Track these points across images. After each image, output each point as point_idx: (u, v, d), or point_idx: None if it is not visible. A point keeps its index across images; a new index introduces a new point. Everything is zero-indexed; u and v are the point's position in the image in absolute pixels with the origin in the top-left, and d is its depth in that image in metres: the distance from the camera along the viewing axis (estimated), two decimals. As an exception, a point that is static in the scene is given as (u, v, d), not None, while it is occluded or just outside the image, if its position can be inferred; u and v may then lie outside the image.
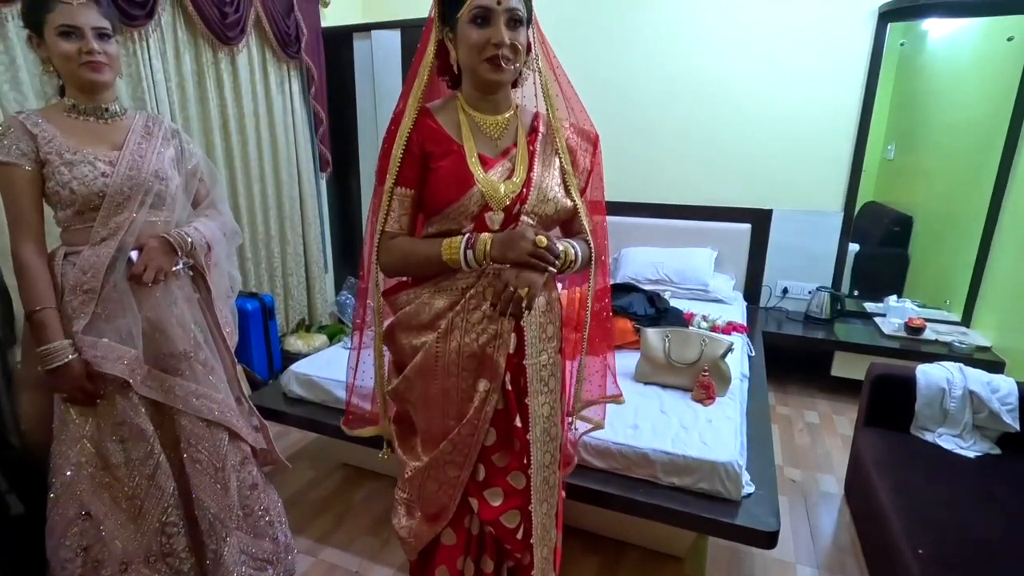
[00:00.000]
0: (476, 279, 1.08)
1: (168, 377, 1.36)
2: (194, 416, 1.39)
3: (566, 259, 1.06)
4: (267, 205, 3.09)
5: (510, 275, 1.00)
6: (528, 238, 0.99)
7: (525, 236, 1.00)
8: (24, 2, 1.23)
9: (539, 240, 0.99)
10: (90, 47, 1.20)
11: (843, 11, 2.79)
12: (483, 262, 1.03)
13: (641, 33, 3.15)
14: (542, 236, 1.00)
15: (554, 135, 1.13)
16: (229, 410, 1.45)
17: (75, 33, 1.20)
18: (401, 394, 1.18)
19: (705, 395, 1.83)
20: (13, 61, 1.93)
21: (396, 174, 1.06)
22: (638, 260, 3.18)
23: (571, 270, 1.10)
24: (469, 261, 1.03)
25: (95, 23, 1.22)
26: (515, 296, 0.98)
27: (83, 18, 1.20)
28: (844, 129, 2.93)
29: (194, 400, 1.38)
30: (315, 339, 3.18)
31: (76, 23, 1.19)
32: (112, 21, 1.27)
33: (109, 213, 1.27)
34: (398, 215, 1.09)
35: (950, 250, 2.98)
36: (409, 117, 1.06)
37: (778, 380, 3.00)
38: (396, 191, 1.08)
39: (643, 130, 3.26)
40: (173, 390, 1.36)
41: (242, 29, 2.74)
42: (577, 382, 1.28)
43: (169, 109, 2.50)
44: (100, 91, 1.29)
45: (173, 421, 1.38)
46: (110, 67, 1.26)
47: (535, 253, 0.99)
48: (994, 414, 1.71)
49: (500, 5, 0.97)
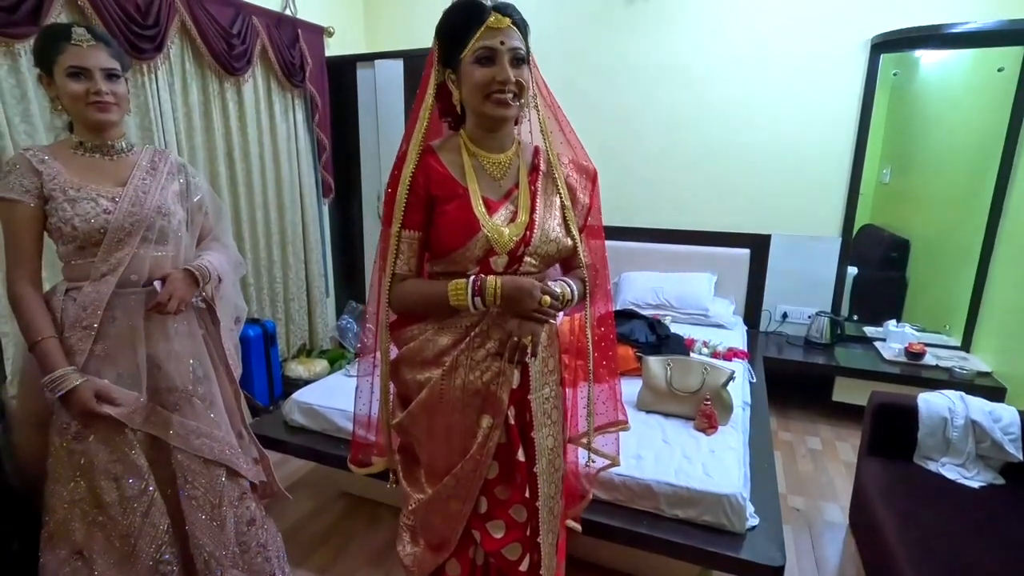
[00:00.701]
0: (480, 318, 1.10)
1: (168, 415, 1.35)
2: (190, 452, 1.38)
3: (563, 300, 1.10)
4: (270, 231, 3.12)
5: (513, 325, 1.06)
6: (535, 297, 1.04)
7: (532, 295, 1.04)
8: (35, 42, 1.26)
9: (544, 300, 1.04)
10: (98, 88, 1.23)
11: (837, 43, 2.85)
12: (490, 307, 1.06)
13: (641, 64, 3.21)
14: (546, 296, 1.05)
15: (554, 172, 1.16)
16: (228, 447, 1.44)
17: (84, 74, 1.22)
18: (406, 428, 1.19)
19: (707, 424, 1.83)
20: (24, 95, 1.97)
21: (402, 218, 1.08)
22: (638, 285, 3.20)
23: (567, 308, 1.14)
24: (477, 306, 1.06)
25: (104, 64, 1.24)
26: (519, 344, 1.05)
27: (92, 60, 1.22)
28: (840, 156, 2.98)
29: (194, 439, 1.37)
30: (316, 364, 3.18)
31: (85, 64, 1.22)
32: (122, 61, 1.29)
33: (110, 248, 1.28)
34: (406, 257, 1.11)
35: (948, 274, 3.00)
36: (412, 160, 1.08)
37: (780, 405, 2.99)
38: (403, 234, 1.10)
39: (643, 157, 3.31)
40: (173, 428, 1.35)
41: (248, 60, 2.80)
42: (588, 415, 1.29)
43: (176, 139, 2.54)
44: (107, 130, 1.31)
45: (169, 456, 1.37)
46: (118, 106, 1.28)
47: (541, 311, 1.05)
48: (997, 444, 1.71)
49: (503, 45, 1.01)
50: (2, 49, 1.91)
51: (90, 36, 1.23)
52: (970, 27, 2.53)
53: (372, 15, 3.76)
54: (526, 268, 1.11)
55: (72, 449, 1.27)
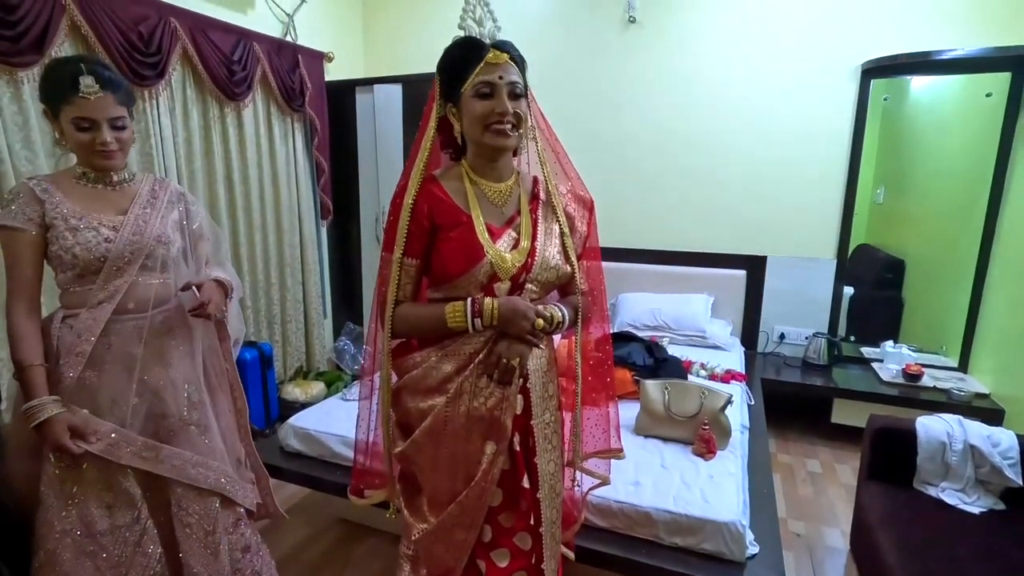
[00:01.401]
0: (483, 344, 1.11)
1: (160, 446, 1.34)
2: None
3: (555, 323, 1.13)
4: (268, 253, 3.13)
5: (502, 347, 1.10)
6: (529, 318, 1.08)
7: (527, 316, 1.07)
8: (42, 81, 1.26)
9: (538, 324, 1.08)
10: (104, 139, 1.24)
11: (829, 68, 2.91)
12: (490, 326, 1.09)
13: (637, 87, 3.26)
14: (541, 320, 1.08)
15: (553, 201, 1.19)
16: (224, 476, 1.43)
17: (91, 125, 1.23)
18: (409, 456, 1.18)
19: (706, 449, 1.82)
20: (27, 122, 1.99)
21: (404, 245, 1.11)
22: (636, 306, 3.21)
23: (558, 331, 1.17)
24: (476, 327, 1.09)
25: (111, 114, 1.25)
26: (508, 366, 1.09)
27: (100, 112, 1.22)
28: (834, 178, 3.01)
29: (190, 469, 1.36)
30: (313, 387, 3.16)
31: (93, 116, 1.22)
32: (129, 103, 1.31)
33: (109, 276, 1.29)
34: (403, 284, 1.14)
35: (943, 295, 3.02)
36: (413, 188, 1.11)
37: (778, 427, 2.98)
38: (404, 262, 1.12)
39: (639, 178, 3.34)
40: (168, 460, 1.34)
41: (249, 86, 2.84)
42: (574, 436, 1.30)
43: (176, 163, 2.56)
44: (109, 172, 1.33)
45: (163, 483, 1.36)
46: (122, 152, 1.30)
47: (532, 333, 1.09)
48: (996, 469, 1.70)
49: (502, 80, 1.06)
50: (5, 77, 1.93)
51: (97, 88, 1.21)
52: (957, 54, 2.58)
53: (371, 41, 3.82)
54: (527, 295, 1.13)
55: (64, 477, 1.27)
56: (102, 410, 1.29)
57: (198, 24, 2.57)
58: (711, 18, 3.07)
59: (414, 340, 1.20)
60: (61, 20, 2.04)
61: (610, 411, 1.34)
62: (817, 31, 2.89)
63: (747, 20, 3.00)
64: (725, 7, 3.03)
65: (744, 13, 3.00)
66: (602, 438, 1.34)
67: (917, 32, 2.71)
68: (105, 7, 2.17)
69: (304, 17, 3.24)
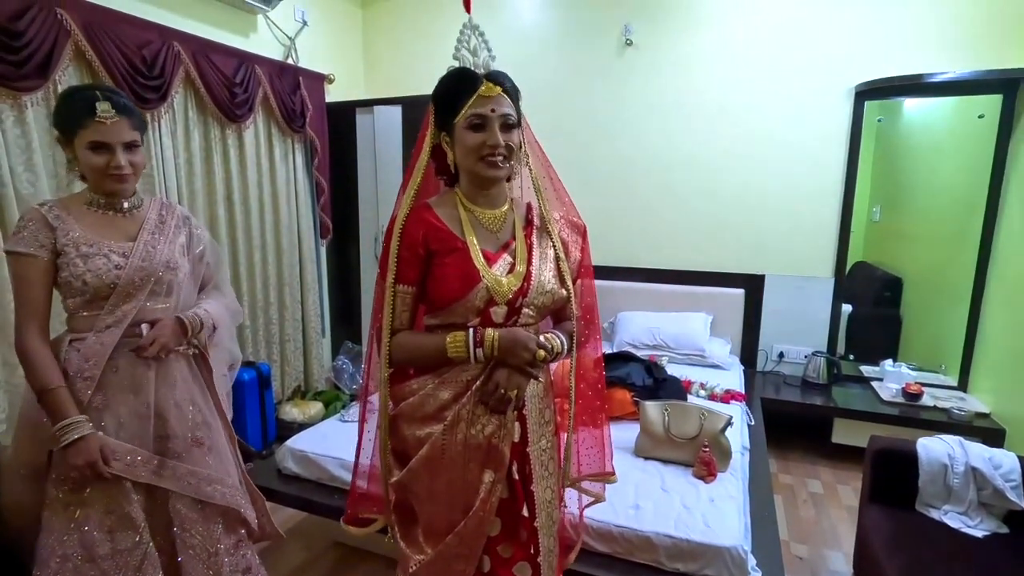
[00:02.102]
0: (481, 371, 1.11)
1: (175, 464, 1.35)
2: (190, 501, 1.37)
3: (553, 352, 1.13)
4: (267, 273, 3.13)
5: (501, 376, 1.09)
6: (530, 349, 1.08)
7: (527, 347, 1.07)
8: (57, 107, 1.28)
9: (539, 354, 1.08)
10: (119, 163, 1.26)
11: (823, 90, 2.95)
12: (491, 357, 1.09)
13: (634, 109, 3.30)
14: (542, 351, 1.08)
15: (548, 226, 1.20)
16: (237, 491, 1.45)
17: (106, 149, 1.25)
18: (405, 485, 1.17)
19: (706, 471, 1.81)
20: (29, 144, 2.01)
21: (396, 272, 1.10)
22: (635, 325, 3.21)
23: (556, 360, 1.17)
24: (479, 357, 1.08)
25: (125, 138, 1.27)
26: (505, 396, 1.08)
27: (115, 135, 1.25)
28: (830, 198, 3.03)
29: (205, 486, 1.38)
30: (311, 407, 3.14)
31: (108, 140, 1.24)
32: (141, 128, 1.33)
33: (118, 302, 1.30)
34: (399, 312, 1.13)
35: (941, 313, 3.02)
36: (402, 214, 1.11)
37: (779, 447, 2.96)
38: (398, 288, 1.11)
39: (637, 198, 3.37)
40: (185, 477, 1.35)
41: (250, 107, 2.87)
42: (565, 460, 1.29)
43: (176, 184, 2.57)
44: (121, 196, 1.34)
45: (165, 506, 1.36)
46: (134, 175, 1.32)
47: (532, 364, 1.09)
48: (998, 491, 1.69)
49: (494, 112, 1.07)
50: (9, 102, 1.95)
51: (114, 112, 1.24)
52: (948, 76, 2.62)
53: (371, 63, 3.87)
54: (524, 319, 1.13)
55: (68, 502, 1.27)
56: (109, 433, 1.29)
57: (201, 48, 2.60)
58: (707, 42, 3.12)
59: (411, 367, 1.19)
60: (66, 45, 2.06)
61: (604, 432, 1.33)
62: (811, 54, 2.94)
63: (742, 43, 3.05)
64: (720, 31, 3.08)
65: (739, 36, 3.05)
66: (597, 459, 1.32)
67: (909, 55, 2.75)
68: (109, 32, 2.20)
69: (305, 40, 3.29)
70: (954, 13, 2.67)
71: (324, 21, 3.47)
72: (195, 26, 2.63)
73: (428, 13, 3.63)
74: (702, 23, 3.11)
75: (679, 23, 3.15)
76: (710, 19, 3.09)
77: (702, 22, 3.11)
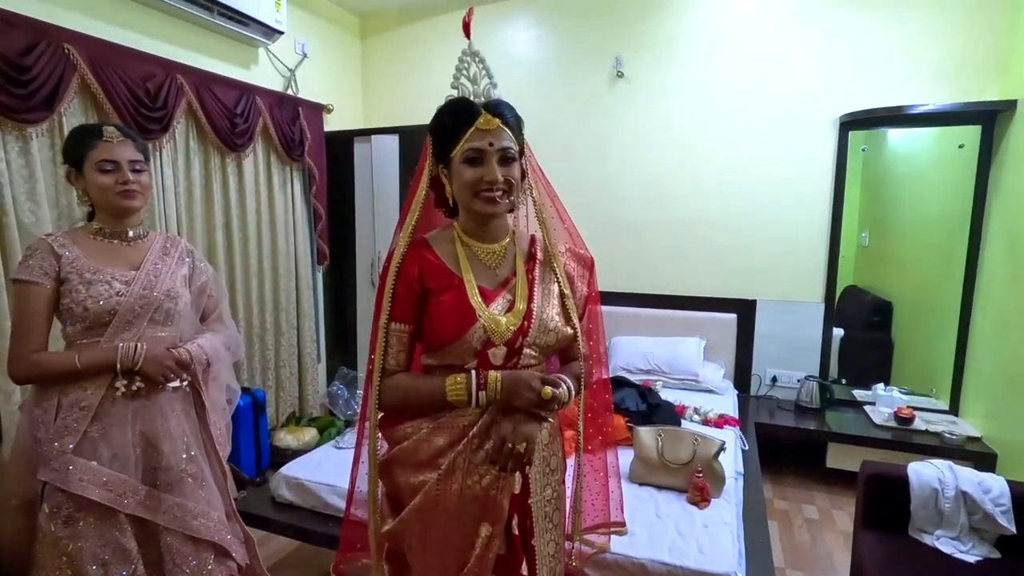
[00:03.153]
0: (478, 416, 1.04)
1: (162, 496, 1.35)
2: (181, 534, 1.36)
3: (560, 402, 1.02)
4: (264, 299, 3.15)
5: (506, 429, 1.00)
6: (535, 388, 0.99)
7: (531, 386, 0.99)
8: (67, 142, 1.36)
9: (545, 392, 0.98)
10: (126, 178, 1.33)
11: (808, 120, 3.04)
12: (493, 402, 1.03)
13: (627, 138, 3.38)
14: (548, 388, 0.99)
15: (552, 260, 1.14)
16: (223, 526, 1.43)
17: (114, 167, 1.32)
18: (397, 536, 1.11)
19: (700, 497, 1.81)
20: (32, 174, 2.04)
21: (390, 310, 1.05)
22: (629, 349, 3.23)
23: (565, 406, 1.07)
24: (480, 401, 1.02)
25: (131, 157, 1.35)
26: (514, 451, 0.98)
27: (121, 153, 1.33)
28: (818, 224, 3.10)
29: (191, 520, 1.37)
30: (305, 433, 3.13)
31: (115, 157, 1.32)
32: (145, 153, 1.40)
33: (118, 330, 1.32)
34: (395, 351, 1.07)
35: (930, 337, 3.06)
36: (400, 250, 1.07)
37: (774, 472, 2.96)
38: (393, 327, 1.06)
39: (630, 224, 3.43)
40: (169, 510, 1.35)
41: (250, 137, 2.92)
42: (574, 513, 1.22)
43: (176, 211, 2.61)
44: (130, 215, 1.39)
45: (158, 539, 1.36)
46: (142, 195, 1.37)
47: (540, 404, 0.99)
48: (989, 516, 1.70)
49: (492, 146, 1.01)
50: (15, 133, 2.00)
51: (120, 133, 1.35)
52: (928, 108, 2.71)
53: (370, 93, 3.96)
54: (526, 360, 1.06)
55: (60, 535, 1.27)
56: (103, 463, 1.30)
57: (203, 80, 2.67)
58: (695, 74, 3.22)
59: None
60: (72, 78, 2.12)
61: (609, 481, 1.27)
62: (796, 86, 3.04)
63: (730, 75, 3.15)
64: (708, 64, 3.18)
65: (727, 69, 3.15)
66: (602, 509, 1.27)
67: (891, 87, 2.85)
68: (115, 65, 2.26)
69: (305, 71, 3.38)
70: (933, 47, 2.78)
71: (324, 52, 3.57)
72: (198, 59, 2.71)
73: (426, 43, 3.74)
74: (690, 56, 3.22)
75: (668, 56, 3.26)
76: (698, 52, 3.20)
77: (690, 55, 3.22)
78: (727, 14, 3.13)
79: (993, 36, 2.67)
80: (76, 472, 1.25)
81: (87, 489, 1.25)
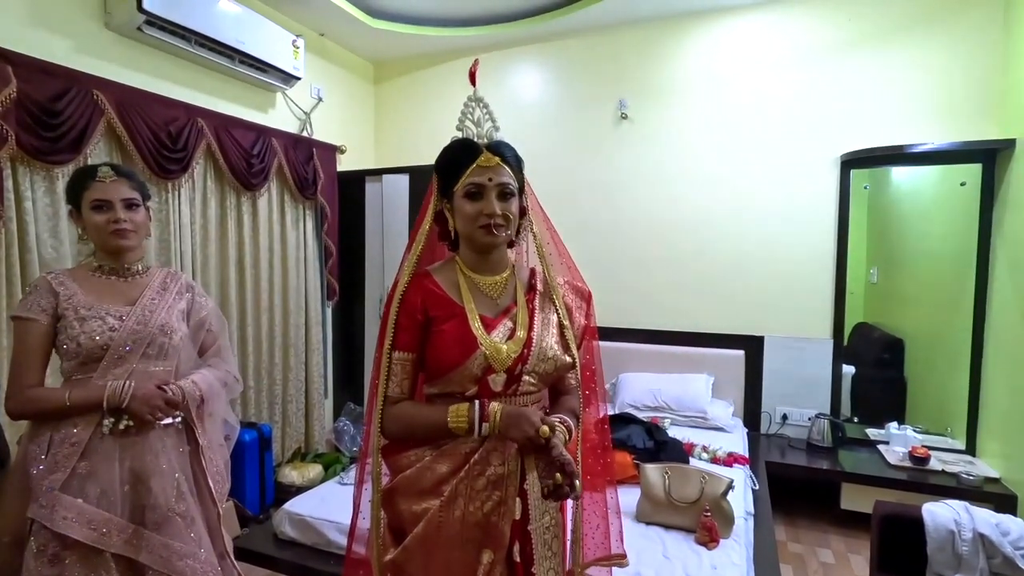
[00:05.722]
0: (480, 444, 1.07)
1: (150, 535, 1.33)
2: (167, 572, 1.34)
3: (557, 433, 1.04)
4: (273, 334, 3.19)
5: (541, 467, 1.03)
6: (534, 424, 1.01)
7: (530, 420, 1.02)
8: (69, 182, 1.42)
9: (542, 431, 1.01)
10: (117, 217, 1.36)
11: (810, 159, 3.09)
12: (495, 433, 1.05)
13: (633, 177, 3.46)
14: (545, 427, 1.01)
15: (551, 292, 1.18)
16: (210, 568, 1.40)
17: (106, 206, 1.36)
18: (400, 565, 1.11)
19: (708, 537, 1.78)
20: (56, 212, 2.13)
21: (393, 338, 1.10)
22: (636, 386, 3.21)
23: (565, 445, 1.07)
24: (483, 432, 1.05)
25: (124, 196, 1.38)
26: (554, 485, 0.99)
27: (113, 192, 1.37)
28: (824, 261, 3.11)
29: (176, 561, 1.34)
30: (310, 469, 3.11)
31: (107, 197, 1.36)
32: (142, 191, 1.44)
33: (110, 364, 1.33)
34: (399, 379, 1.11)
35: (943, 375, 3.01)
36: (403, 281, 1.12)
37: (787, 513, 2.89)
38: (396, 355, 1.10)
39: (637, 262, 3.46)
40: (156, 550, 1.32)
41: (265, 177, 3.03)
42: (573, 543, 1.22)
43: (191, 248, 2.68)
44: (125, 253, 1.42)
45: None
46: (136, 232, 1.40)
47: (534, 441, 1.01)
48: (1009, 560, 1.65)
49: (491, 182, 1.07)
50: (42, 173, 2.09)
51: (113, 173, 1.38)
52: (928, 147, 2.76)
53: (381, 134, 4.10)
54: (525, 387, 1.10)
55: (46, 574, 1.25)
56: (90, 501, 1.29)
57: (222, 123, 2.79)
58: (698, 115, 3.30)
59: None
60: (99, 122, 2.23)
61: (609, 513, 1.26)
62: (797, 125, 3.11)
63: (731, 116, 3.23)
64: (710, 105, 3.27)
65: (728, 110, 3.24)
66: (602, 542, 1.26)
67: (892, 126, 2.90)
68: (140, 110, 2.38)
69: (320, 113, 3.51)
70: (931, 87, 2.84)
71: (338, 96, 3.72)
72: (219, 103, 2.83)
73: (436, 89, 3.89)
74: (693, 98, 3.31)
75: (671, 98, 3.36)
76: (700, 95, 3.30)
77: (692, 98, 3.31)
78: (727, 58, 3.23)
79: (989, 75, 2.73)
80: (61, 510, 1.24)
81: (71, 528, 1.24)
